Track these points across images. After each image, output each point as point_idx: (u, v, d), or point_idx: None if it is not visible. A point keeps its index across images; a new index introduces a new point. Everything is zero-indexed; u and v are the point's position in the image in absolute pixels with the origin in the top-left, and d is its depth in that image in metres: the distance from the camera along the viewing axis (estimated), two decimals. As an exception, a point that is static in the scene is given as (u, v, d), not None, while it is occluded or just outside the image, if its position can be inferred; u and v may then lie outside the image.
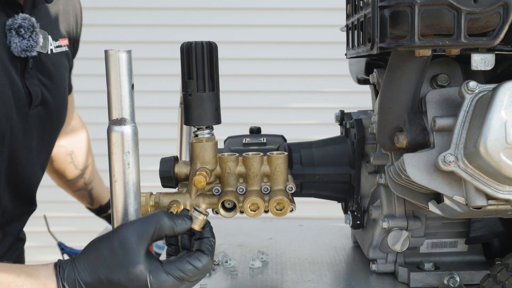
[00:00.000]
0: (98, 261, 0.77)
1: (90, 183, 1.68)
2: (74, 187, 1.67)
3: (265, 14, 3.37)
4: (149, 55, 3.31)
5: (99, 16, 3.36)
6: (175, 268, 0.78)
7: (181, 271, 0.79)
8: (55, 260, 0.81)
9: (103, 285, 0.76)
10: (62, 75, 1.27)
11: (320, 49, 3.34)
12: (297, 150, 1.18)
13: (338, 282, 1.13)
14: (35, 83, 1.14)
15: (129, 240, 0.78)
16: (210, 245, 0.83)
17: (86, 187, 1.68)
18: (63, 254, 1.82)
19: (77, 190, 1.68)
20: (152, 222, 0.80)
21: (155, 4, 3.35)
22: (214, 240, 0.85)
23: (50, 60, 1.21)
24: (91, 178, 1.68)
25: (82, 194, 1.69)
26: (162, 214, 0.81)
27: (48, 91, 1.19)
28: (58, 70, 1.25)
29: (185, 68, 0.90)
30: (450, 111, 0.90)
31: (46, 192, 3.34)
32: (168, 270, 0.78)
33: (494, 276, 0.92)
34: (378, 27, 0.80)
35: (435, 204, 0.92)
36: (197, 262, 0.80)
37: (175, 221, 0.82)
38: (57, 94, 1.23)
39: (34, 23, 1.08)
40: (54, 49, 1.23)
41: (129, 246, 0.77)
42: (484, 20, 0.79)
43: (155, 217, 0.81)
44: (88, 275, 0.77)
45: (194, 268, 0.79)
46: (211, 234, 0.85)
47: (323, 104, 3.39)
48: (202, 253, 0.81)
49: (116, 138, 0.81)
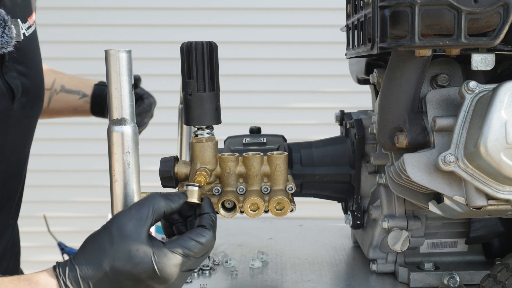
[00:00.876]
0: (99, 252, 0.76)
1: (62, 86, 1.58)
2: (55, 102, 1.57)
3: (265, 14, 3.36)
4: (149, 55, 3.31)
5: (99, 16, 3.36)
6: (178, 246, 0.78)
7: (185, 248, 0.78)
8: (55, 260, 0.81)
9: (107, 276, 0.75)
10: (38, 55, 1.22)
11: (320, 49, 3.34)
12: (297, 150, 1.18)
13: (338, 282, 1.13)
14: (14, 76, 1.10)
15: (127, 225, 0.77)
16: (211, 220, 0.82)
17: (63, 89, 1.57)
18: (63, 254, 1.81)
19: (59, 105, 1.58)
20: (147, 204, 0.79)
21: (155, 4, 3.35)
22: (214, 215, 0.85)
23: (25, 46, 1.14)
24: (61, 83, 1.58)
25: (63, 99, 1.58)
26: (155, 195, 0.81)
27: (27, 78, 1.14)
28: (33, 52, 1.19)
29: (185, 68, 0.90)
30: (450, 111, 0.90)
31: (46, 192, 3.36)
32: (171, 248, 0.77)
33: (494, 276, 0.92)
34: (378, 27, 0.80)
35: (435, 204, 0.92)
36: (200, 237, 0.79)
37: (170, 198, 0.82)
38: (36, 78, 1.19)
39: (4, 16, 1.01)
40: (26, 31, 1.15)
41: (128, 231, 0.76)
42: (484, 20, 0.79)
43: (150, 199, 0.80)
44: (90, 269, 0.75)
45: (197, 243, 0.79)
46: (211, 210, 0.85)
47: (323, 104, 3.39)
48: (204, 228, 0.81)
49: (116, 138, 0.81)
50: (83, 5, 3.37)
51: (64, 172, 3.42)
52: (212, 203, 0.87)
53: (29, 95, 1.15)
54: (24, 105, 1.14)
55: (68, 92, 1.57)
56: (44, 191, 3.23)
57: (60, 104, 1.58)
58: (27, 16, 1.16)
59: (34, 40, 1.20)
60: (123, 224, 0.77)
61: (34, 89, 1.17)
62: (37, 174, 2.89)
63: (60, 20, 3.24)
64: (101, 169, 3.28)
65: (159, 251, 0.76)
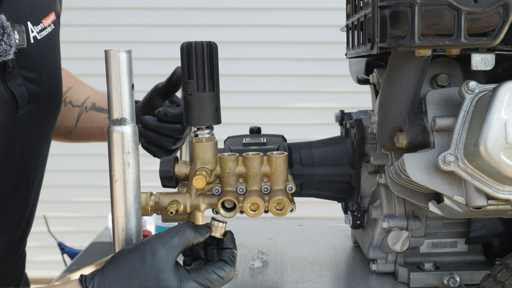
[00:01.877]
0: (129, 272, 0.79)
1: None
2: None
3: (265, 14, 3.37)
4: (149, 55, 3.31)
5: (99, 16, 3.37)
6: (202, 277, 0.83)
7: (207, 280, 0.83)
8: (55, 260, 0.81)
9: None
10: (52, 59, 1.16)
11: (320, 49, 3.34)
12: (297, 150, 1.18)
13: (338, 282, 1.13)
14: (19, 82, 1.05)
15: (160, 251, 0.81)
16: (232, 256, 0.87)
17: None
18: (63, 254, 1.82)
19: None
20: (179, 233, 0.84)
21: (155, 4, 3.35)
22: (236, 251, 0.89)
23: (35, 50, 1.09)
24: (93, 100, 1.44)
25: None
26: (187, 225, 0.86)
27: (36, 85, 1.09)
28: (46, 57, 1.13)
29: (185, 68, 0.90)
30: (450, 111, 0.90)
31: (46, 192, 3.35)
32: (195, 278, 0.82)
33: (494, 276, 0.92)
34: (378, 27, 0.80)
35: (435, 204, 0.92)
36: (221, 271, 0.84)
37: (199, 230, 0.87)
38: (48, 83, 1.14)
39: (4, 21, 0.97)
40: (38, 35, 1.10)
41: (160, 256, 0.80)
42: (484, 20, 0.79)
43: (182, 229, 0.85)
44: (118, 287, 0.78)
45: (218, 277, 0.84)
46: (233, 245, 0.90)
47: (323, 104, 3.39)
48: (225, 263, 0.86)
49: (116, 138, 0.81)
50: (83, 5, 3.37)
51: (64, 172, 3.42)
52: (234, 238, 0.92)
53: (39, 101, 1.11)
54: (33, 112, 1.10)
55: (98, 110, 1.43)
56: (44, 191, 3.23)
57: (87, 124, 1.43)
58: (41, 17, 1.12)
59: (50, 42, 1.15)
60: (156, 249, 0.81)
61: (46, 95, 1.13)
62: (37, 174, 2.89)
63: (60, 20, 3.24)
64: (101, 169, 3.29)
65: (185, 279, 0.81)
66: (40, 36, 1.11)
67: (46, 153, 1.23)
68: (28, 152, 1.14)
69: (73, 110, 1.41)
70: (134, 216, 0.84)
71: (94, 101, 1.42)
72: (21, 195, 1.17)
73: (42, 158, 1.22)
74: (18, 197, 1.16)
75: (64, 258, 1.82)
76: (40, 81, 1.11)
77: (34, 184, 1.21)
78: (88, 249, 1.76)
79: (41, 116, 1.14)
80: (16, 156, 1.10)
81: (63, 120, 1.40)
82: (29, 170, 1.17)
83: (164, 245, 0.81)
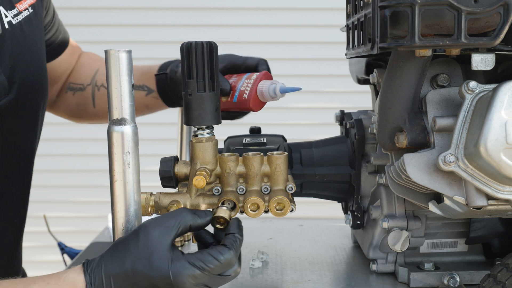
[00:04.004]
0: (124, 252, 0.80)
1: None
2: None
3: (265, 14, 3.37)
4: (149, 55, 3.30)
5: (99, 16, 3.36)
6: (195, 258, 0.81)
7: (201, 261, 0.80)
8: (55, 260, 0.82)
9: (127, 275, 0.79)
10: (32, 45, 1.11)
11: (320, 49, 3.34)
12: (297, 150, 1.18)
13: (338, 282, 1.13)
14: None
15: (153, 232, 0.81)
16: (233, 240, 0.84)
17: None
18: (63, 254, 1.81)
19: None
20: (175, 215, 0.83)
21: (155, 4, 3.35)
22: (240, 237, 0.86)
23: (11, 36, 1.04)
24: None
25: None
26: (184, 209, 0.86)
27: (15, 72, 1.05)
28: (24, 42, 1.09)
29: (185, 68, 0.90)
30: (450, 111, 0.90)
31: (46, 192, 3.36)
32: (188, 259, 0.80)
33: (494, 276, 0.92)
34: (378, 27, 0.80)
35: (435, 204, 0.92)
36: (218, 254, 0.82)
37: (197, 213, 0.85)
38: (29, 70, 1.10)
39: None
40: (13, 19, 1.05)
41: (153, 237, 0.80)
42: (485, 20, 0.79)
43: (178, 211, 0.84)
44: (113, 266, 0.79)
45: (214, 259, 0.81)
46: (238, 231, 0.87)
47: (323, 104, 3.39)
48: (224, 247, 0.83)
49: (116, 138, 0.81)
50: (83, 5, 3.37)
51: (64, 172, 3.42)
52: (240, 225, 0.89)
53: (20, 90, 1.08)
54: (14, 102, 1.07)
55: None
56: (44, 191, 3.23)
57: None
58: (16, 1, 1.08)
59: (28, 27, 1.10)
60: (150, 230, 0.81)
61: (26, 83, 1.10)
62: (37, 174, 2.89)
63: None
64: (101, 169, 3.28)
65: (177, 259, 0.80)
66: (15, 21, 1.07)
67: (35, 143, 1.21)
68: (13, 143, 1.11)
69: (84, 93, 1.38)
70: (134, 216, 0.84)
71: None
72: (11, 184, 1.16)
73: (31, 148, 1.19)
74: (7, 186, 1.14)
75: (64, 258, 1.82)
76: (19, 68, 1.07)
77: (24, 175, 1.20)
78: (88, 249, 1.76)
79: (25, 106, 1.11)
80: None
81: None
82: (17, 162, 1.16)
83: (159, 226, 0.81)
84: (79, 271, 0.81)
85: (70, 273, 0.80)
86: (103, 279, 0.79)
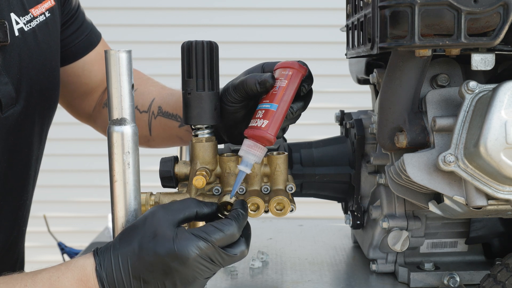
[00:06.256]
0: (132, 232, 0.82)
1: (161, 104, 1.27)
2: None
3: (265, 14, 3.37)
4: (149, 55, 3.31)
5: (99, 16, 3.35)
6: (198, 230, 0.82)
7: (204, 232, 0.81)
8: (56, 260, 0.83)
9: (134, 252, 0.80)
10: (44, 51, 1.08)
11: (320, 49, 3.34)
12: (297, 150, 1.18)
13: (338, 282, 1.13)
14: (4, 81, 0.99)
15: (159, 212, 0.82)
16: (236, 214, 0.85)
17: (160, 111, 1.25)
18: (63, 254, 1.82)
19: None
20: (181, 202, 0.85)
21: (155, 4, 3.35)
22: (243, 212, 0.86)
23: (21, 44, 1.01)
24: (159, 103, 1.26)
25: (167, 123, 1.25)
26: (191, 198, 0.88)
27: (24, 81, 1.03)
28: (36, 50, 1.06)
29: (185, 66, 0.90)
30: (450, 111, 0.90)
31: (46, 192, 3.36)
32: (192, 232, 0.81)
33: (494, 276, 0.92)
34: (378, 27, 0.80)
35: (435, 204, 0.92)
36: (221, 225, 0.82)
37: (204, 203, 0.87)
38: (39, 78, 1.07)
39: None
40: (25, 26, 1.02)
41: (159, 216, 0.82)
42: (484, 20, 0.79)
43: (185, 199, 0.87)
44: (121, 245, 0.81)
45: (217, 229, 0.81)
46: (241, 207, 0.87)
47: (323, 104, 3.38)
48: (228, 219, 0.84)
49: (116, 138, 0.81)
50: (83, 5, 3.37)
51: (64, 172, 3.42)
52: (246, 206, 0.89)
53: (30, 99, 1.06)
54: (22, 111, 1.05)
55: (165, 116, 1.23)
56: (44, 191, 3.23)
57: (163, 133, 1.26)
58: (30, 6, 1.05)
59: (42, 33, 1.07)
60: (156, 211, 0.83)
61: (36, 91, 1.08)
62: (37, 174, 2.89)
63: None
64: (101, 169, 3.28)
65: (181, 233, 0.81)
66: (28, 28, 1.04)
67: (40, 151, 1.20)
68: (18, 152, 1.10)
69: (141, 117, 1.27)
70: (134, 216, 0.84)
71: (160, 104, 1.25)
72: (15, 194, 1.15)
73: (36, 156, 1.18)
74: (11, 196, 1.13)
75: (64, 258, 1.82)
76: (29, 77, 1.05)
77: (29, 183, 1.19)
78: (88, 249, 1.76)
79: (33, 114, 1.09)
80: (5, 157, 1.07)
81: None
82: (22, 169, 1.14)
83: (166, 209, 0.83)
84: (89, 255, 0.82)
85: (80, 259, 0.82)
86: (111, 259, 0.80)
